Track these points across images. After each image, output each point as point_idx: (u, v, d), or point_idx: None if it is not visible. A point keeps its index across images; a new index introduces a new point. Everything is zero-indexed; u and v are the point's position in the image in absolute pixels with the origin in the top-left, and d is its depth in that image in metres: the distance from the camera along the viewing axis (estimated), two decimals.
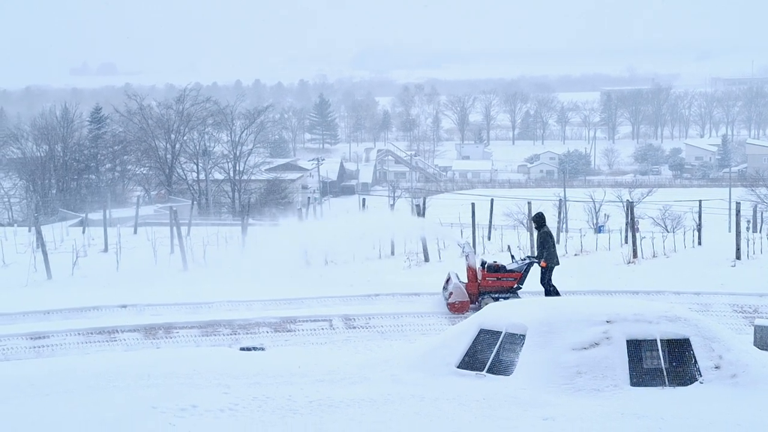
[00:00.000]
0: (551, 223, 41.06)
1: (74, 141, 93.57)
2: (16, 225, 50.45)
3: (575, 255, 30.10)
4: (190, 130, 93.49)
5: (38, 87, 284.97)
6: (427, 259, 29.31)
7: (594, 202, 67.72)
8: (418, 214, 32.51)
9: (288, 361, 16.69)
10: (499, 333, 15.15)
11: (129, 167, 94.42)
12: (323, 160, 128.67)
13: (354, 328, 20.10)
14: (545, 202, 59.06)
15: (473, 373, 14.96)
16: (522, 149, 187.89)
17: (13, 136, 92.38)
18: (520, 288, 21.80)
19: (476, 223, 32.31)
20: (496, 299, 21.24)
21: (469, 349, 15.31)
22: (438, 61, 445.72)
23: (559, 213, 40.13)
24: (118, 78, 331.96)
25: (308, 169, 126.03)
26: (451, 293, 21.33)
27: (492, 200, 37.88)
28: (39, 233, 28.30)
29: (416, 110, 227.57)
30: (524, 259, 22.30)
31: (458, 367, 15.16)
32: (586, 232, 39.60)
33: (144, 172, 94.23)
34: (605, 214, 66.28)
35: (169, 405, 13.32)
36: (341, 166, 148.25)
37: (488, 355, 15.06)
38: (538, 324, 14.90)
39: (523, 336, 14.87)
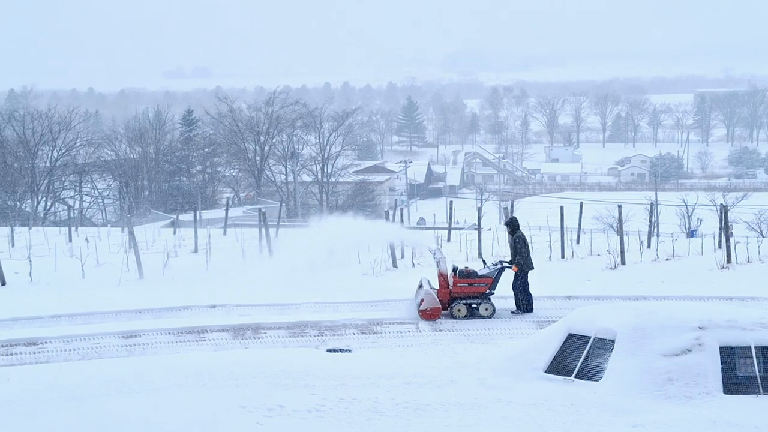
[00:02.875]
0: (642, 227, 40.60)
1: (166, 143, 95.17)
2: (109, 225, 51.30)
3: (667, 259, 29.61)
4: (279, 133, 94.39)
5: (133, 90, 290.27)
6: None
7: (686, 205, 66.65)
8: (506, 217, 32.24)
9: (374, 363, 16.70)
10: (588, 338, 14.96)
11: (219, 169, 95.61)
12: (411, 162, 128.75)
13: (440, 330, 20.00)
14: (636, 205, 58.30)
15: (561, 378, 14.81)
16: (612, 152, 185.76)
17: (108, 138, 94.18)
18: (492, 293, 21.38)
19: (565, 226, 31.98)
20: (468, 305, 20.99)
21: (558, 353, 15.15)
22: (528, 64, 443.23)
23: (650, 217, 39.43)
24: (210, 81, 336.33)
25: (396, 172, 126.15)
26: (422, 300, 20.81)
27: (581, 203, 37.49)
28: (131, 234, 28.71)
29: (505, 113, 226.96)
30: (496, 264, 21.87)
31: (546, 372, 15.02)
32: (678, 237, 38.95)
33: (233, 174, 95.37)
34: (698, 218, 65.22)
35: (257, 404, 13.43)
36: (428, 168, 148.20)
37: (577, 360, 14.88)
38: (628, 329, 14.67)
39: (613, 341, 14.66)
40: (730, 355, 14.12)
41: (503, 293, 21.85)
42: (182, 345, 18.74)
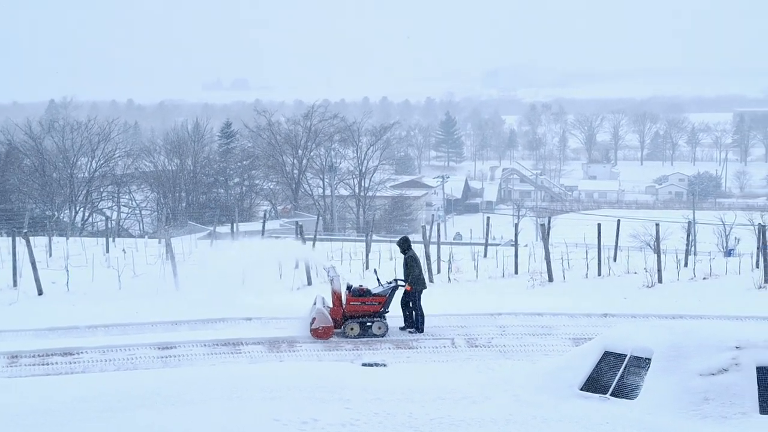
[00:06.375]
0: (680, 245, 40.32)
1: (204, 155, 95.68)
2: (146, 237, 51.60)
3: (704, 278, 29.40)
4: (317, 146, 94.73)
5: (172, 102, 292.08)
6: (551, 279, 29.03)
7: (724, 225, 66.10)
8: (543, 234, 32.12)
9: (409, 378, 16.68)
10: (624, 356, 14.89)
11: (256, 182, 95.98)
12: (448, 177, 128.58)
13: (476, 346, 19.98)
14: (673, 223, 57.92)
15: (597, 395, 14.73)
16: (650, 170, 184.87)
17: (147, 149, 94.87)
18: (387, 312, 20.98)
19: (602, 244, 31.83)
20: (362, 324, 20.65)
21: (593, 371, 15.08)
22: (566, 81, 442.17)
23: (688, 235, 39.18)
24: (249, 93, 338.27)
25: (433, 187, 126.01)
26: (314, 318, 20.42)
27: (618, 221, 37.26)
28: (169, 245, 28.88)
29: (543, 129, 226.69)
30: (390, 283, 21.46)
31: (581, 390, 14.95)
32: (716, 256, 38.63)
33: (271, 186, 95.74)
34: (735, 238, 64.59)
35: (291, 418, 13.44)
36: (466, 183, 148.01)
37: (612, 378, 14.81)
38: (665, 348, 14.58)
39: (649, 360, 14.57)
40: (766, 376, 14.01)
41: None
42: (218, 357, 18.82)
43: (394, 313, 21.31)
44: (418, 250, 31.30)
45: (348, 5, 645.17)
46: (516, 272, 30.99)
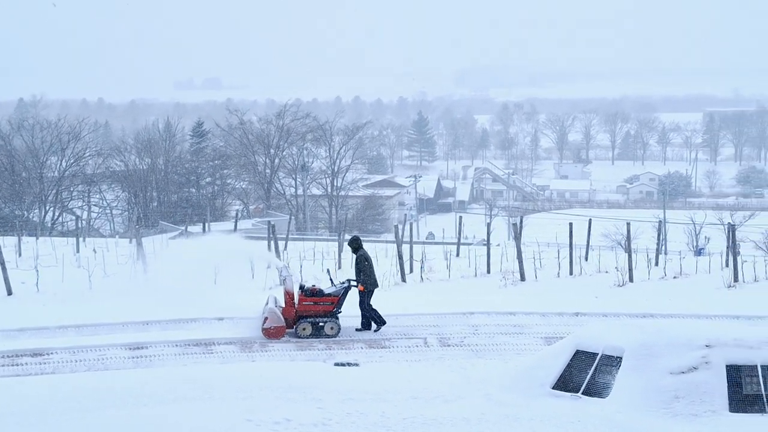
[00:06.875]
0: (650, 244, 40.53)
1: (176, 154, 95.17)
2: (117, 236, 51.31)
3: (674, 277, 29.58)
4: (289, 146, 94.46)
5: (143, 101, 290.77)
6: (523, 279, 29.10)
7: (694, 224, 66.53)
8: (515, 233, 32.17)
9: (382, 377, 16.69)
10: (595, 354, 14.96)
11: (228, 181, 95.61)
12: (420, 177, 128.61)
13: (449, 346, 19.99)
14: (644, 223, 58.23)
15: (568, 394, 14.79)
16: (621, 169, 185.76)
17: (117, 149, 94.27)
18: (340, 312, 20.97)
19: (573, 243, 31.95)
20: (315, 324, 20.60)
21: (565, 370, 15.14)
22: (539, 80, 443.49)
23: (659, 235, 39.40)
24: (221, 93, 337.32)
25: (405, 186, 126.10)
26: (266, 318, 20.37)
27: (590, 221, 37.42)
28: (140, 245, 28.72)
29: (515, 129, 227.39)
30: (343, 283, 21.44)
31: (553, 388, 15.01)
32: (686, 255, 38.85)
33: (243, 186, 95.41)
34: (705, 237, 65.03)
35: (263, 418, 13.43)
36: (438, 183, 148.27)
37: (584, 376, 14.87)
38: (636, 346, 14.67)
39: (620, 358, 14.65)
40: (736, 374, 14.12)
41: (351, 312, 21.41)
42: (189, 357, 18.74)
43: (349, 314, 21.27)
44: (390, 249, 31.43)
45: (321, 5, 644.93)
46: (488, 272, 31.05)
